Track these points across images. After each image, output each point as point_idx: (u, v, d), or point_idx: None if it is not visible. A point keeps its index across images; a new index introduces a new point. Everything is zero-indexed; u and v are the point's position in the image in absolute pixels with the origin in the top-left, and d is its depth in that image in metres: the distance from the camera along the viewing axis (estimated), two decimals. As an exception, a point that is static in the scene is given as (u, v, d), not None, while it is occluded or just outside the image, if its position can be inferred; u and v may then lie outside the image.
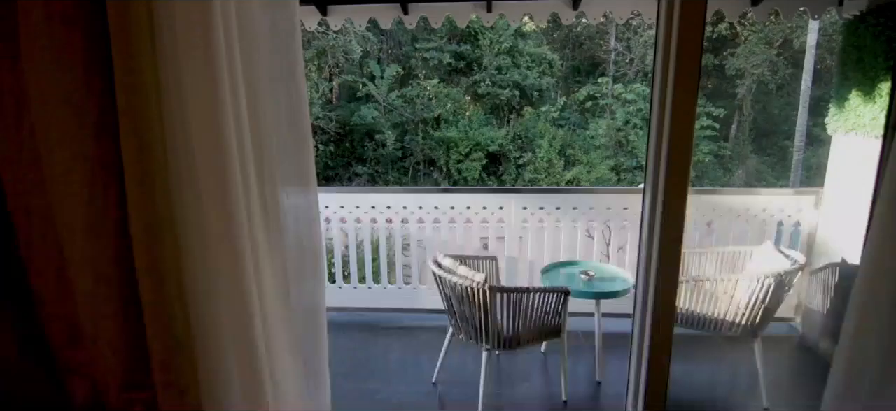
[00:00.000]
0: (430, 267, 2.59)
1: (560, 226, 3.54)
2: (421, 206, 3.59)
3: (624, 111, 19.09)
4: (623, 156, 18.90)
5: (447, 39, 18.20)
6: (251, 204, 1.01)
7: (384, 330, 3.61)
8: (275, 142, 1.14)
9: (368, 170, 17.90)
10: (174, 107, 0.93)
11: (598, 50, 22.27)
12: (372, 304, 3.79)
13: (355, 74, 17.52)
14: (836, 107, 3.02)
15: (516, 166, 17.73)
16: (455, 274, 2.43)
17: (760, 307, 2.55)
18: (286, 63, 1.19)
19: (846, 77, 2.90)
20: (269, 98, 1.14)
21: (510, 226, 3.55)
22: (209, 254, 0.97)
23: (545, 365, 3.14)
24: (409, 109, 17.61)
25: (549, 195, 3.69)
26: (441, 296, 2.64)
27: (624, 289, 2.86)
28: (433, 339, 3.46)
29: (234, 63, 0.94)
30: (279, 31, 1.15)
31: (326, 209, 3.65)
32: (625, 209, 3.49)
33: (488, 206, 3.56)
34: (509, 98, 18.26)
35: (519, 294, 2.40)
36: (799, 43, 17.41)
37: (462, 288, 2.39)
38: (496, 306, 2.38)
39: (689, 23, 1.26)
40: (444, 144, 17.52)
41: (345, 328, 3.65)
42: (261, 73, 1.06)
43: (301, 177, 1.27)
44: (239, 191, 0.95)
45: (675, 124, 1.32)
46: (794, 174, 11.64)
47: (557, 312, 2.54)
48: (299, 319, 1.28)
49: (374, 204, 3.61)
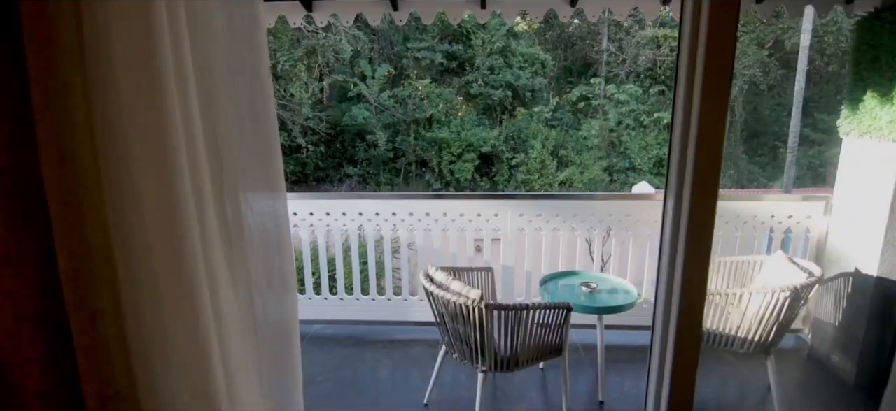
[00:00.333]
0: (422, 282, 2.40)
1: (559, 233, 3.37)
2: (411, 213, 3.40)
3: (616, 112, 19.04)
4: (616, 157, 18.85)
5: (439, 39, 18.03)
6: (206, 216, 0.89)
7: (372, 344, 3.41)
8: (236, 146, 1.03)
9: (360, 171, 17.68)
10: (107, 111, 0.78)
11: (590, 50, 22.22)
12: (359, 317, 3.59)
13: (346, 74, 17.28)
14: (848, 110, 2.88)
15: (509, 167, 17.59)
16: (448, 290, 2.24)
17: (775, 323, 2.39)
18: (249, 61, 1.08)
19: (860, 77, 2.76)
20: (228, 98, 1.01)
21: (506, 236, 3.37)
22: (156, 283, 0.83)
23: (544, 382, 2.97)
24: (400, 110, 17.41)
25: (548, 201, 3.51)
26: (433, 313, 2.45)
27: (628, 303, 2.69)
28: (425, 355, 3.27)
29: (182, 59, 0.82)
30: (240, 25, 1.02)
31: (311, 216, 3.44)
32: (627, 216, 3.32)
33: (483, 213, 3.37)
34: (502, 98, 18.11)
35: (517, 311, 2.21)
36: (790, 44, 17.47)
37: (456, 305, 2.20)
38: (493, 325, 2.20)
39: (721, 10, 1.09)
40: (437, 145, 17.34)
41: (329, 343, 3.45)
42: (218, 72, 0.95)
43: (267, 181, 1.13)
44: (190, 204, 0.83)
45: (703, 126, 1.15)
46: (787, 175, 11.61)
47: (559, 329, 2.36)
48: (268, 336, 1.17)
49: (362, 210, 3.41)
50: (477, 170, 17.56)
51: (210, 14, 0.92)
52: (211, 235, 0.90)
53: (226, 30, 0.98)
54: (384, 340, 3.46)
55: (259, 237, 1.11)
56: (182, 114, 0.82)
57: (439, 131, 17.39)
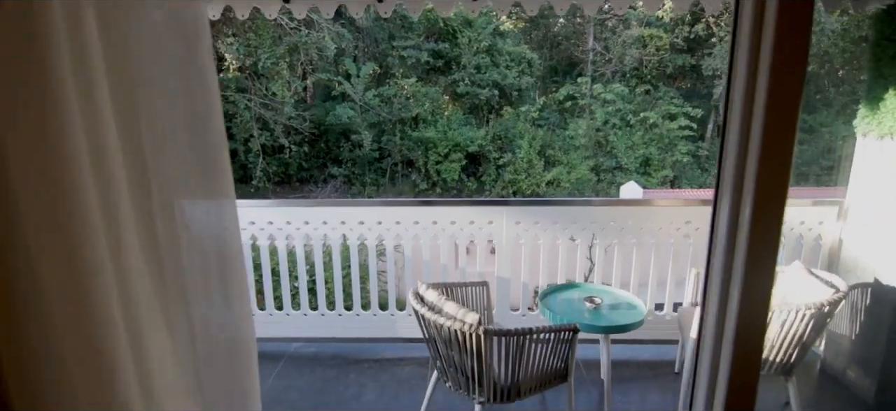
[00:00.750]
0: (411, 303, 2.14)
1: (559, 242, 3.13)
2: (398, 221, 3.13)
3: (603, 111, 18.98)
4: (603, 157, 18.77)
5: (425, 37, 17.73)
6: (121, 231, 0.80)
7: (357, 364, 3.14)
8: (170, 152, 0.94)
9: (345, 171, 17.32)
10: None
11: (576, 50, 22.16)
12: (342, 334, 3.31)
13: (330, 73, 16.89)
14: (867, 109, 2.69)
15: (496, 167, 17.38)
16: (441, 313, 1.98)
17: (797, 344, 2.18)
18: (187, 58, 0.96)
19: (881, 74, 2.57)
20: (159, 101, 0.92)
21: (501, 244, 3.13)
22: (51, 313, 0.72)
23: (544, 403, 2.73)
24: (386, 109, 17.08)
25: (546, 208, 3.26)
26: (424, 337, 2.20)
27: (637, 322, 2.46)
28: (415, 375, 3.01)
29: (87, 59, 0.72)
30: (173, 19, 0.94)
31: (288, 225, 3.15)
32: (629, 223, 3.10)
33: (476, 221, 3.12)
34: (488, 97, 17.90)
35: (520, 337, 1.96)
36: (774, 44, 17.55)
37: (450, 331, 1.95)
38: (492, 353, 1.95)
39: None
40: (423, 145, 17.05)
41: (310, 363, 3.16)
42: (144, 71, 0.87)
43: (209, 188, 1.04)
44: (93, 218, 0.72)
45: (771, 125, 0.93)
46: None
47: (564, 353, 2.12)
48: (214, 354, 1.08)
49: (345, 218, 3.14)
50: (464, 170, 17.31)
51: (135, 9, 0.84)
52: (127, 250, 0.81)
53: (156, 24, 0.89)
54: (370, 359, 3.19)
55: (199, 248, 1.03)
56: (85, 120, 0.72)
57: (425, 131, 17.11)
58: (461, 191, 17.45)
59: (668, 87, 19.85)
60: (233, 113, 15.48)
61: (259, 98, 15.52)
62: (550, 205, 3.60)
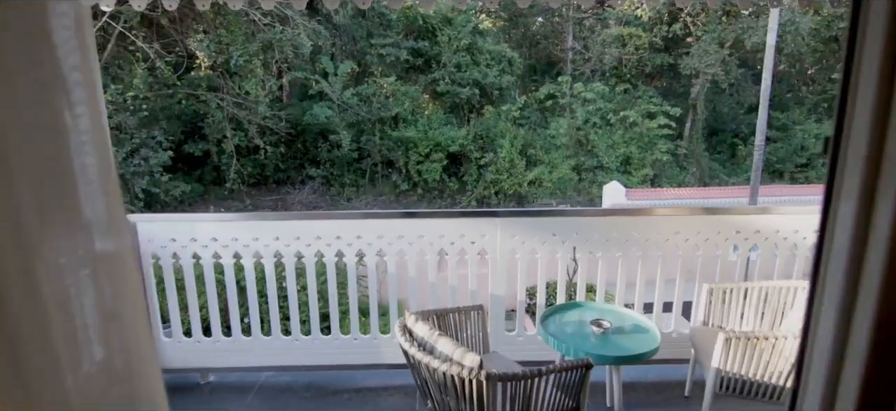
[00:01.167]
0: (398, 339, 1.83)
1: (558, 256, 2.86)
2: (381, 236, 2.81)
3: (583, 110, 18.92)
4: (584, 156, 18.70)
5: (404, 35, 17.35)
6: None
7: (336, 395, 2.81)
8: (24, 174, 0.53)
9: (323, 172, 16.83)
10: None
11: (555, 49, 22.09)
12: (319, 361, 2.96)
13: (306, 71, 16.37)
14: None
15: (478, 167, 17.13)
16: (434, 353, 1.68)
17: None
18: (46, 60, 0.59)
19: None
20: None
21: (496, 260, 2.83)
22: None
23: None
24: (365, 108, 16.64)
25: (543, 219, 2.98)
26: (416, 383, 1.89)
27: (652, 349, 2.20)
28: (401, 406, 2.70)
29: None
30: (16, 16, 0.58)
31: (256, 241, 2.80)
32: (633, 234, 2.85)
33: (467, 234, 2.83)
34: (469, 97, 17.62)
35: (527, 381, 1.68)
36: (751, 43, 17.76)
37: (446, 375, 1.64)
38: (496, 400, 1.66)
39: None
40: (403, 145, 16.68)
41: (283, 394, 2.82)
42: None
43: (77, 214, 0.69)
44: None
45: None
46: (755, 173, 11.59)
47: (575, 392, 1.85)
48: None
49: (320, 233, 2.80)
50: (445, 170, 17.01)
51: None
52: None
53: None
54: (350, 389, 2.87)
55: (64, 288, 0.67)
56: None
57: (406, 130, 16.74)
58: (443, 192, 17.15)
59: (647, 85, 19.93)
60: (204, 112, 14.85)
61: (232, 97, 14.92)
62: (547, 215, 3.33)
